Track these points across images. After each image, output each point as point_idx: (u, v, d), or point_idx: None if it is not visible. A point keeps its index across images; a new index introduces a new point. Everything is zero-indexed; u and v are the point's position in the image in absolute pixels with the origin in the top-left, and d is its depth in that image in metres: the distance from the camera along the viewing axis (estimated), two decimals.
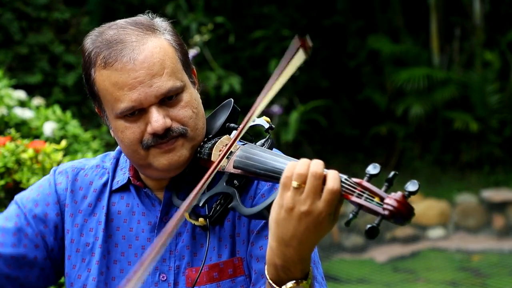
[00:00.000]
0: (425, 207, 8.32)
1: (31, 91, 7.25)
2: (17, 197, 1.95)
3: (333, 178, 1.48)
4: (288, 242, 1.51)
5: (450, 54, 9.71)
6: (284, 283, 1.56)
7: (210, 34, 7.92)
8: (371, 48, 9.64)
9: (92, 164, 1.98)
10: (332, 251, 7.94)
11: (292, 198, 1.49)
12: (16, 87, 5.20)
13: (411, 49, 9.54)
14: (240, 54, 9.58)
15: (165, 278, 1.84)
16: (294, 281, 1.55)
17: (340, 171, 1.52)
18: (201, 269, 1.79)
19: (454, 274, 7.20)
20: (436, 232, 8.26)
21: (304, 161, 1.52)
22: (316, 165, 1.49)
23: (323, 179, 1.49)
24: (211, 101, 7.51)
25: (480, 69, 9.36)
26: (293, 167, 1.51)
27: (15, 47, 8.11)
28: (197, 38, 7.79)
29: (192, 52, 6.94)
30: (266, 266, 1.59)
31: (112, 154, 2.00)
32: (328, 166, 1.52)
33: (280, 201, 1.51)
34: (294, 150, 8.90)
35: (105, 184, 1.93)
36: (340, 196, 1.47)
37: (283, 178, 1.51)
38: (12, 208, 1.93)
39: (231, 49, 9.29)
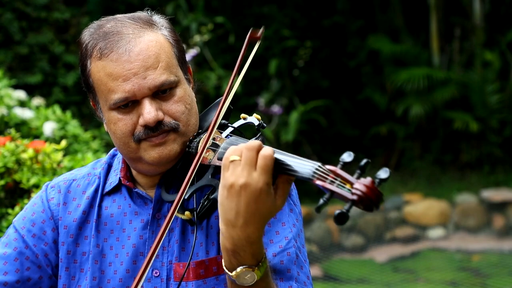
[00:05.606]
0: (425, 207, 8.32)
1: (31, 91, 7.26)
2: (15, 220, 1.96)
3: (266, 148, 1.54)
4: (234, 223, 1.53)
5: (450, 54, 9.71)
6: (235, 269, 1.58)
7: (210, 34, 7.93)
8: (371, 48, 9.65)
9: (84, 173, 2.00)
10: (332, 251, 7.94)
11: (231, 174, 1.53)
12: (16, 87, 5.21)
13: (411, 49, 9.54)
14: (240, 54, 9.57)
15: (157, 274, 1.85)
16: (244, 266, 1.57)
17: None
18: (188, 265, 1.80)
19: (454, 274, 7.20)
20: (436, 232, 8.26)
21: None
22: (250, 142, 1.56)
23: (258, 152, 1.53)
24: (211, 101, 7.50)
25: (480, 69, 9.36)
26: (232, 149, 1.56)
27: (15, 47, 8.12)
28: (197, 38, 7.80)
29: (192, 52, 6.94)
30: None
31: (103, 159, 2.01)
32: None
33: (222, 181, 1.55)
34: (294, 150, 8.89)
35: (96, 190, 1.95)
36: (312, 182, 1.48)
37: (223, 160, 1.56)
38: (10, 232, 1.94)
39: (231, 49, 9.29)
